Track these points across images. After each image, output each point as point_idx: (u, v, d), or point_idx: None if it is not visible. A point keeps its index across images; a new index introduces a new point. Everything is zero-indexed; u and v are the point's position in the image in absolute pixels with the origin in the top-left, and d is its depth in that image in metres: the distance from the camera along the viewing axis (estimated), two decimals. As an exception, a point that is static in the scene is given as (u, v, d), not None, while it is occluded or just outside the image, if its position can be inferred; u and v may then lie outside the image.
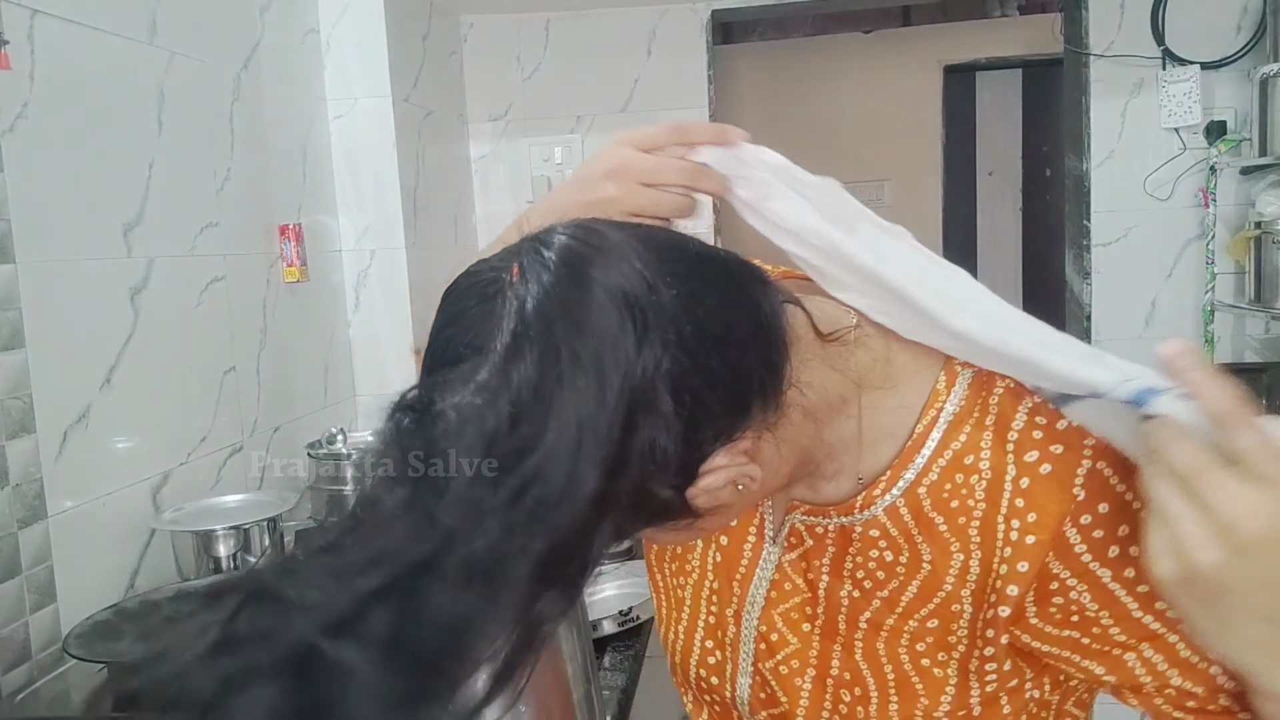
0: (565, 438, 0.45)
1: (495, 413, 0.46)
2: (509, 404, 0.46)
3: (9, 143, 1.26)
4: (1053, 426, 0.60)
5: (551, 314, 0.48)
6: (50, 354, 1.31)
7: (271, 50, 1.96)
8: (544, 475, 0.45)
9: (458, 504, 0.44)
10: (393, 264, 2.27)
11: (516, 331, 0.48)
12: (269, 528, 1.53)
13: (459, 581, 0.44)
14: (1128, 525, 0.57)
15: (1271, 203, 2.26)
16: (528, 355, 0.47)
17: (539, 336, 0.47)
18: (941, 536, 0.62)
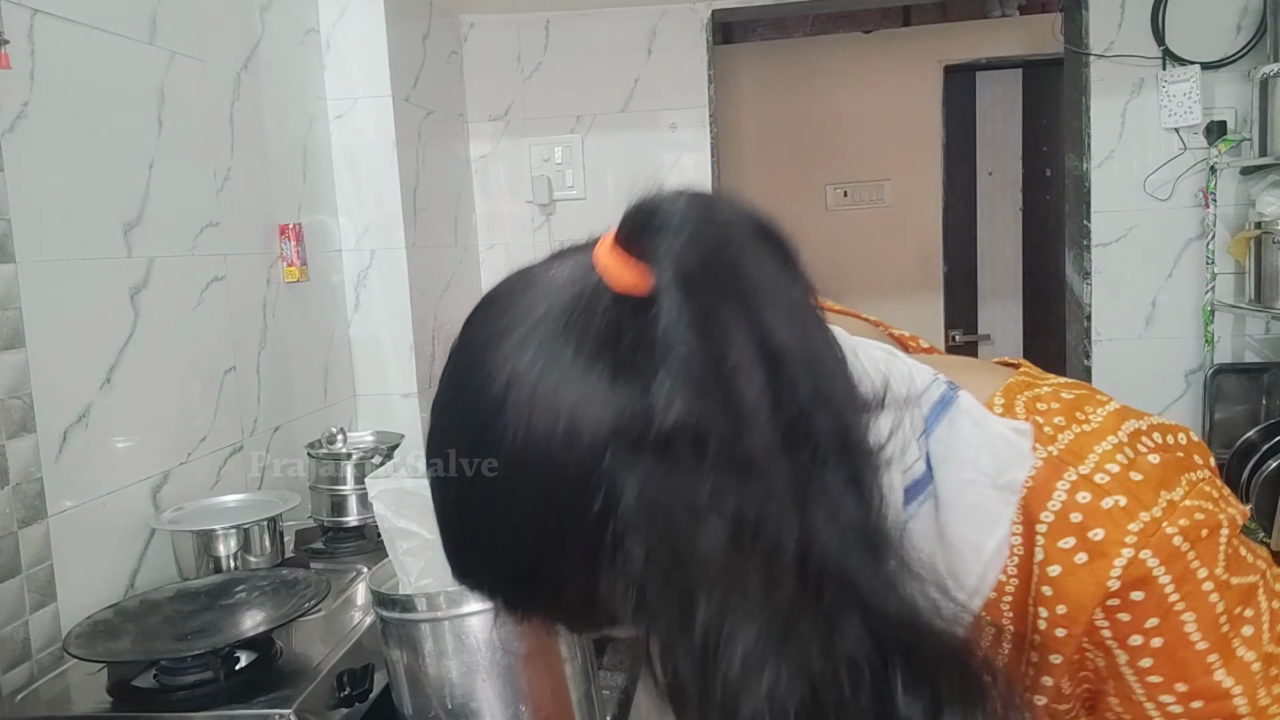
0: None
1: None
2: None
3: (9, 143, 1.26)
4: (1098, 507, 0.53)
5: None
6: (50, 354, 1.31)
7: (271, 50, 1.96)
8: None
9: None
10: (393, 264, 2.27)
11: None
12: (269, 528, 1.53)
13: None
14: (1158, 617, 0.53)
15: (1271, 203, 2.26)
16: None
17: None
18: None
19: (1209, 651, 0.53)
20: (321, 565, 1.62)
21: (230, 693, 1.14)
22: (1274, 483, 2.19)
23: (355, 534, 1.75)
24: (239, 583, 1.35)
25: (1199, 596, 0.53)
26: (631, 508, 0.46)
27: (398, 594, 1.02)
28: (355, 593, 1.46)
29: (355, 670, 1.19)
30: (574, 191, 2.78)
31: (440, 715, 1.01)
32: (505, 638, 1.00)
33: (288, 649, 1.25)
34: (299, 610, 1.22)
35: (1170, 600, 0.53)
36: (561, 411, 0.48)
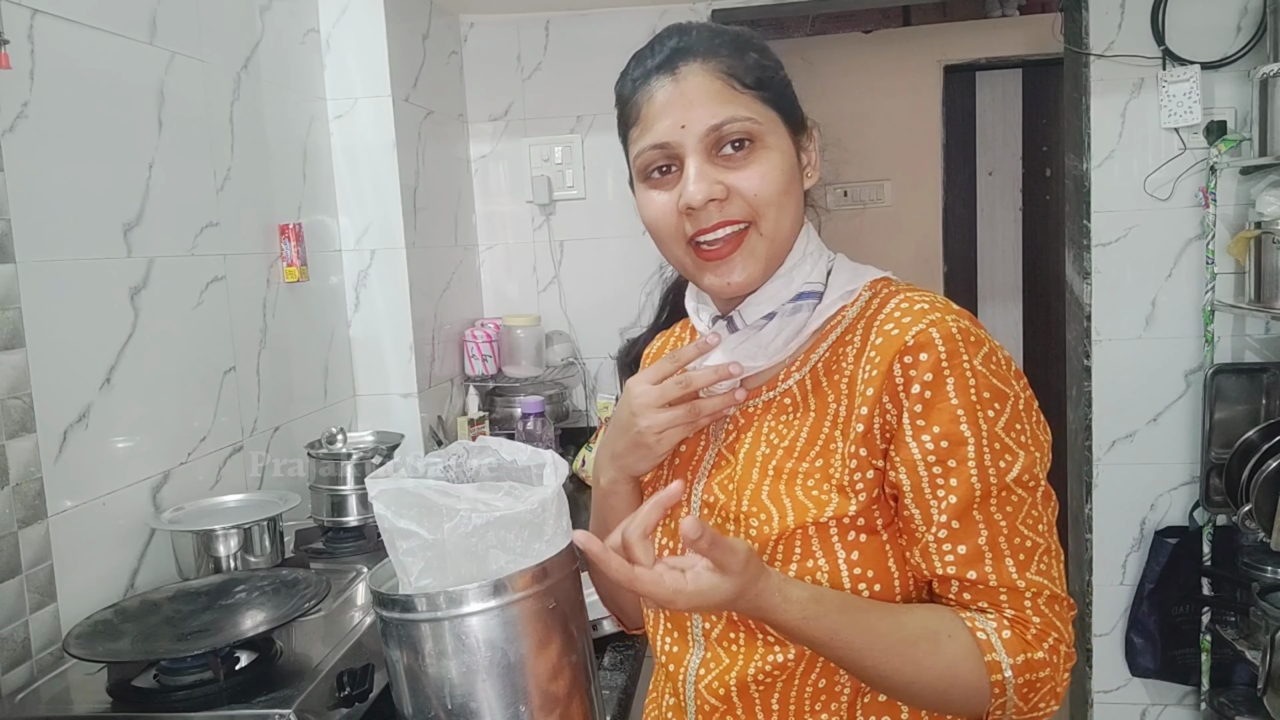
0: None
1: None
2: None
3: (9, 143, 1.26)
4: (917, 309, 0.83)
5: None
6: (50, 354, 1.31)
7: (271, 50, 1.96)
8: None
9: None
10: (393, 264, 2.27)
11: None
12: (269, 528, 1.53)
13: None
14: (931, 373, 0.80)
15: (1271, 203, 2.26)
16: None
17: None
18: (825, 393, 0.86)
19: (958, 408, 0.79)
20: (321, 565, 1.62)
21: (230, 693, 1.14)
22: (1274, 483, 2.19)
23: (355, 534, 1.75)
24: (239, 583, 1.35)
25: (959, 370, 0.80)
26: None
27: (398, 594, 1.02)
28: (355, 593, 1.46)
29: (355, 670, 1.19)
30: (574, 191, 2.78)
31: (440, 715, 1.01)
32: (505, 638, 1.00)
33: (288, 649, 1.25)
34: (299, 610, 1.22)
35: (941, 364, 0.80)
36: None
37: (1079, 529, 2.69)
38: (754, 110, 0.85)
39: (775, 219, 0.86)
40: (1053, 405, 3.68)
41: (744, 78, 0.85)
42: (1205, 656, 2.50)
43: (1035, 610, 0.81)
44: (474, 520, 0.99)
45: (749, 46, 0.88)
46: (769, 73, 0.88)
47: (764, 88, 0.86)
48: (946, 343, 0.80)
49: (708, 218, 0.85)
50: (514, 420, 2.53)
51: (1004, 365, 0.81)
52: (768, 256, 0.87)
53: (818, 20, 3.85)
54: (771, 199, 0.85)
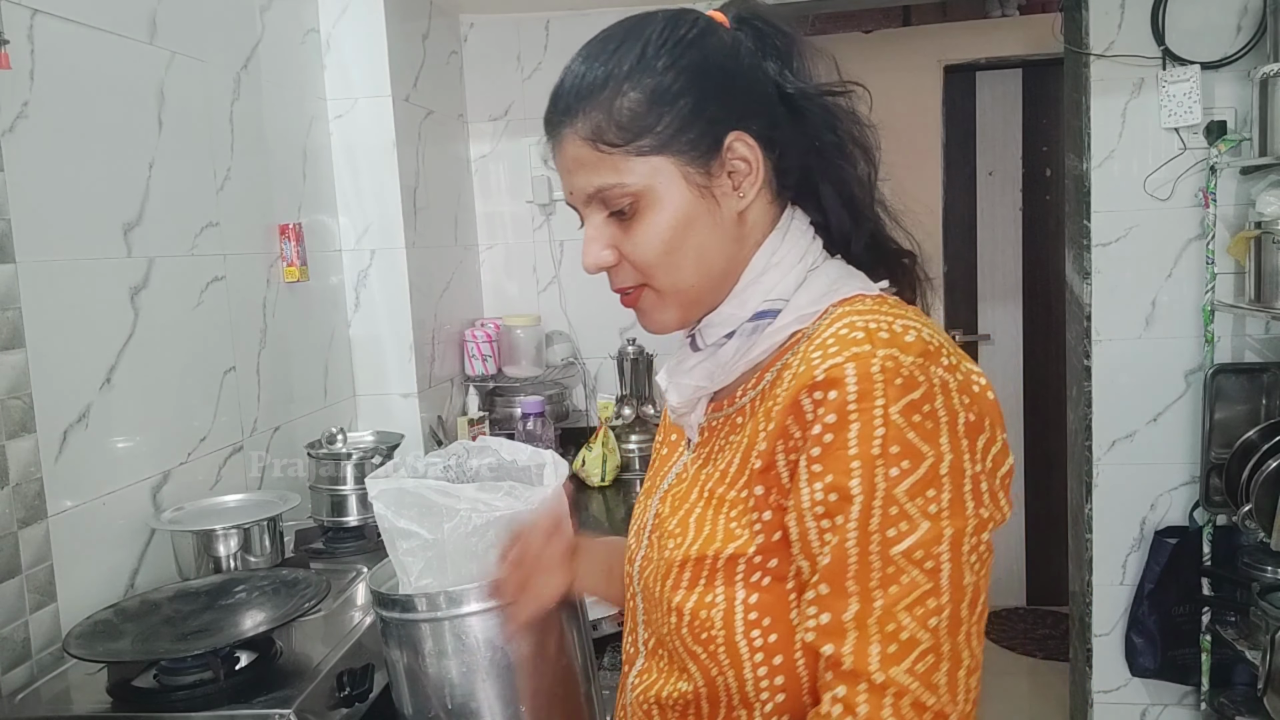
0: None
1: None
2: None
3: (9, 143, 1.26)
4: (849, 338, 0.71)
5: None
6: (50, 354, 1.31)
7: (271, 50, 1.96)
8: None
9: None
10: (393, 264, 2.27)
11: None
12: (269, 528, 1.53)
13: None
14: (835, 414, 0.69)
15: (1271, 203, 2.25)
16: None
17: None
18: (758, 418, 0.77)
19: (854, 459, 0.68)
20: (321, 565, 1.62)
21: (230, 693, 1.14)
22: (1274, 483, 2.19)
23: (355, 534, 1.75)
24: (239, 583, 1.35)
25: (868, 416, 0.68)
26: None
27: (398, 594, 1.02)
28: (355, 593, 1.46)
29: (355, 670, 1.19)
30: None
31: (440, 715, 1.01)
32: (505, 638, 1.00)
33: (288, 649, 1.25)
34: (299, 610, 1.22)
35: (847, 406, 0.68)
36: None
37: (1079, 529, 2.69)
38: (626, 171, 0.76)
39: (667, 275, 0.79)
40: (1053, 405, 3.69)
41: (611, 136, 0.76)
42: (1205, 656, 2.49)
43: (894, 715, 0.66)
44: (474, 520, 0.99)
45: (624, 84, 0.77)
46: (647, 119, 0.76)
47: (642, 134, 0.76)
48: (860, 382, 0.68)
49: (610, 280, 0.85)
50: (514, 420, 2.53)
51: (937, 418, 0.68)
52: (678, 305, 0.82)
53: (818, 20, 3.85)
54: (656, 261, 0.79)
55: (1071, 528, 2.76)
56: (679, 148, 0.77)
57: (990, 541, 0.71)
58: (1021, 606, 3.99)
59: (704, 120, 0.77)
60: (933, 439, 0.68)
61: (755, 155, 0.79)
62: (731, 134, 0.78)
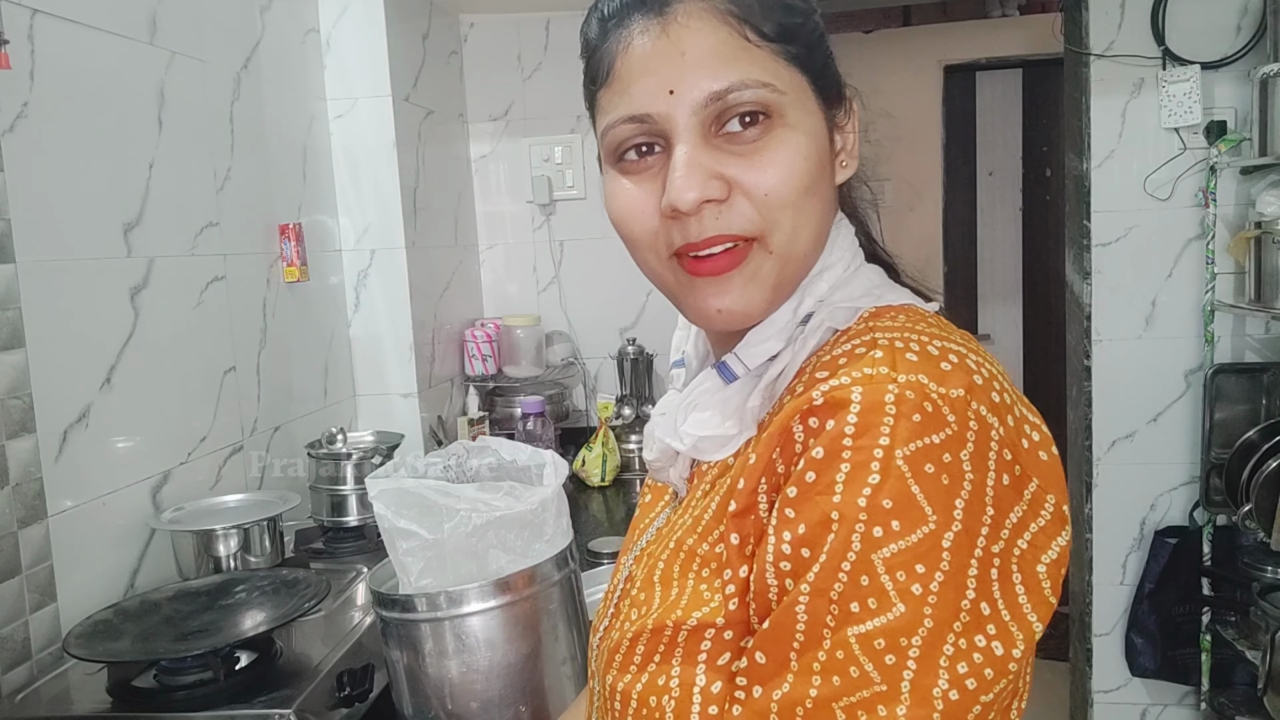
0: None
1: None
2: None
3: (9, 143, 1.26)
4: (867, 356, 0.55)
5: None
6: (50, 354, 1.31)
7: (271, 50, 1.96)
8: None
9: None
10: (393, 264, 2.27)
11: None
12: (269, 528, 1.53)
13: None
14: (824, 449, 0.53)
15: (1271, 203, 2.25)
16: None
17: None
18: (748, 452, 0.60)
19: (835, 508, 0.52)
20: (321, 565, 1.62)
21: (230, 693, 1.14)
22: (1274, 483, 2.19)
23: (355, 534, 1.75)
24: (239, 583, 1.35)
25: (864, 455, 0.51)
26: None
27: (398, 594, 1.02)
28: (355, 593, 1.46)
29: (355, 670, 1.19)
30: (574, 191, 2.78)
31: (440, 715, 1.01)
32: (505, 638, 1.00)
33: (288, 649, 1.25)
34: (299, 610, 1.22)
35: (842, 439, 0.52)
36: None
37: (1079, 529, 2.69)
38: (774, 72, 0.60)
39: (792, 230, 0.61)
40: (1053, 405, 3.69)
41: (762, 24, 0.60)
42: (1205, 656, 2.49)
43: None
44: (474, 520, 0.99)
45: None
46: (798, 18, 0.62)
47: (791, 39, 0.61)
48: (865, 413, 0.52)
49: (699, 228, 0.60)
50: (514, 420, 2.53)
51: (958, 474, 0.51)
52: (776, 282, 0.63)
53: (818, 20, 3.86)
54: (789, 200, 0.60)
55: (1072, 528, 2.76)
56: (820, 75, 0.63)
57: (1008, 659, 0.51)
58: (1021, 606, 3.98)
59: (831, 60, 0.64)
60: (944, 499, 0.51)
61: (857, 125, 0.67)
62: (849, 88, 0.66)
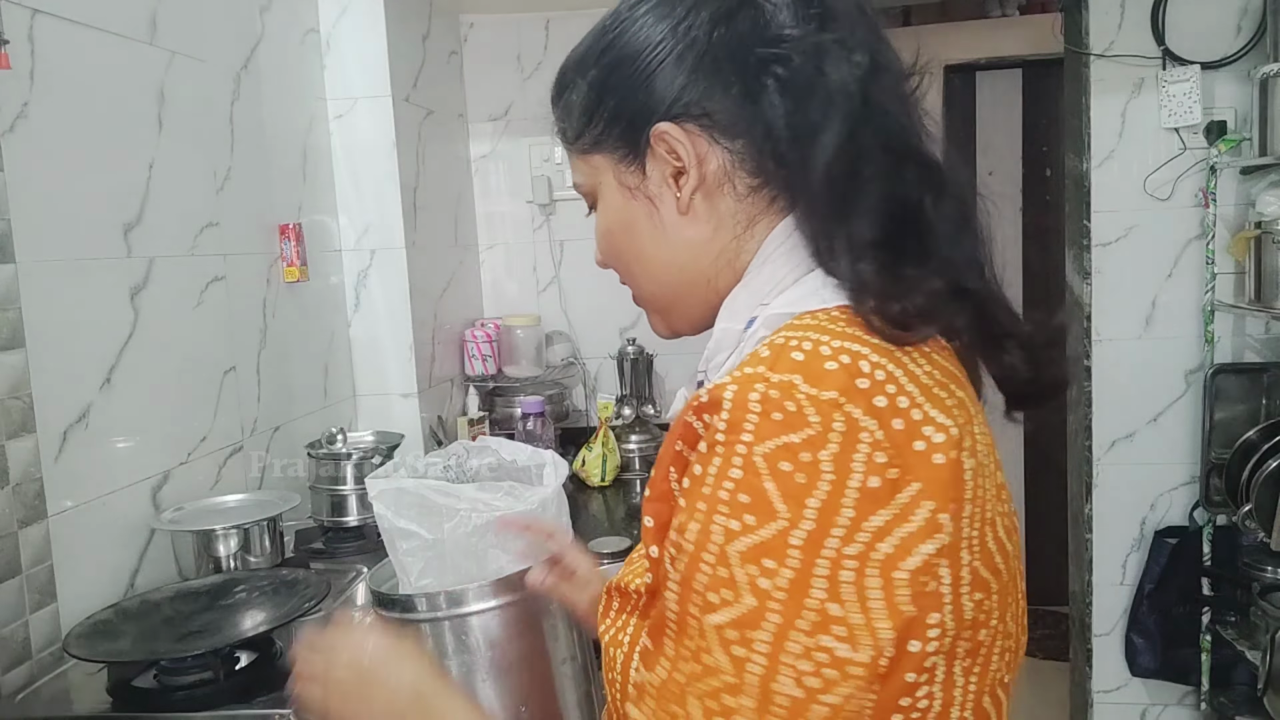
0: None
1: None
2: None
3: (9, 143, 1.26)
4: (757, 355, 0.58)
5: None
6: (50, 354, 1.31)
7: (271, 50, 1.96)
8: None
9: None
10: (393, 264, 2.27)
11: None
12: (269, 528, 1.53)
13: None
14: (707, 445, 0.56)
15: (1271, 203, 2.25)
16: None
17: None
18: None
19: (700, 500, 0.54)
20: (321, 565, 1.62)
21: (230, 693, 1.14)
22: (1274, 483, 2.19)
23: (355, 534, 1.75)
24: (239, 583, 1.35)
25: (730, 451, 0.54)
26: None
27: (398, 594, 1.02)
28: (355, 593, 1.46)
29: (355, 670, 1.19)
30: (574, 191, 2.77)
31: (440, 715, 1.01)
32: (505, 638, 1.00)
33: (288, 649, 1.25)
34: (299, 610, 1.22)
35: (716, 438, 0.55)
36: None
37: (1079, 529, 2.69)
38: (578, 169, 0.73)
39: (627, 279, 0.74)
40: (1053, 405, 3.67)
41: (567, 133, 0.73)
42: (1205, 656, 2.49)
43: None
44: (474, 520, 0.99)
45: (576, 76, 0.71)
46: (589, 103, 0.70)
47: (582, 131, 0.70)
48: (733, 411, 0.54)
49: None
50: (514, 420, 2.53)
51: (815, 472, 0.52)
52: (655, 310, 0.75)
53: (818, 20, 3.86)
54: (615, 266, 0.74)
55: (1071, 528, 2.76)
56: (611, 145, 0.69)
57: (850, 662, 0.51)
58: (1021, 606, 3.98)
59: (630, 113, 0.67)
60: (796, 498, 0.52)
61: (690, 149, 0.65)
62: (658, 127, 0.65)
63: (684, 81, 0.65)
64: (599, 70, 0.69)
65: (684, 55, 0.65)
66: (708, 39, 0.65)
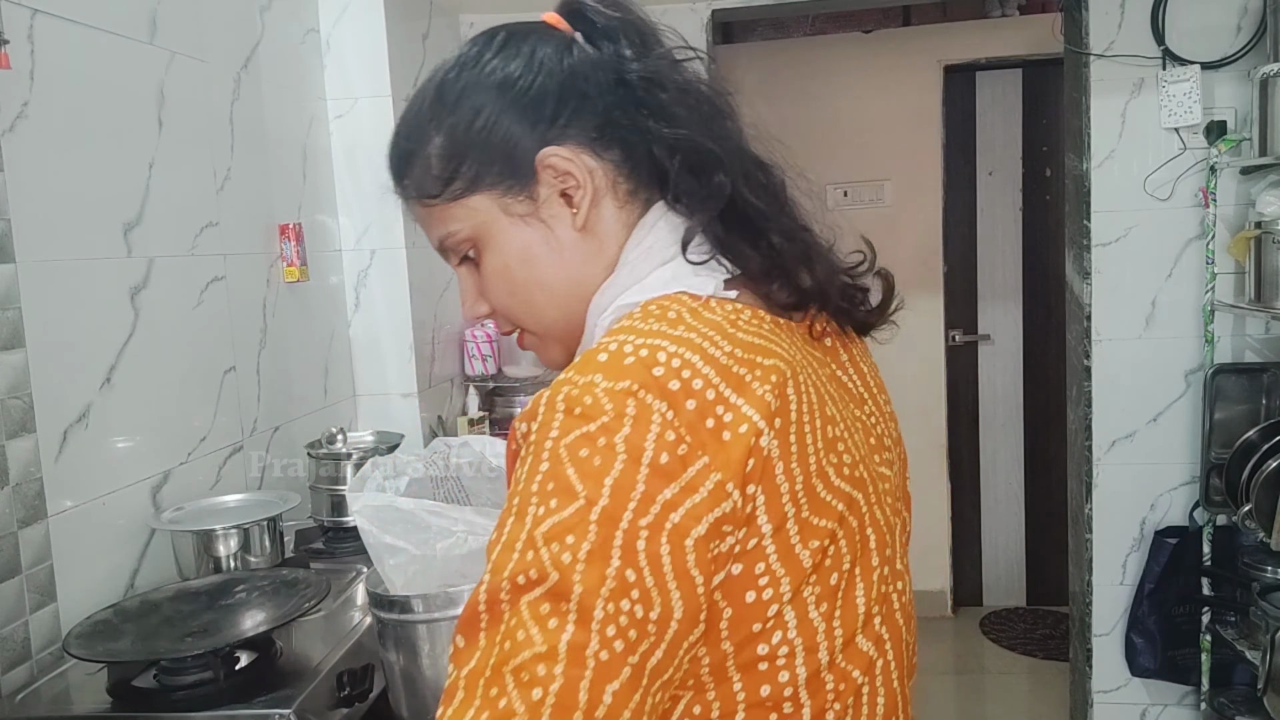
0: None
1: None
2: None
3: (9, 143, 1.26)
4: (577, 362, 0.64)
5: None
6: (50, 354, 1.31)
7: (271, 50, 1.96)
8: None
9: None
10: (393, 264, 2.27)
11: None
12: (269, 528, 1.53)
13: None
14: (525, 449, 0.62)
15: (1271, 203, 2.25)
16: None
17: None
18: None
19: (517, 494, 0.59)
20: (321, 565, 1.62)
21: (230, 693, 1.14)
22: (1274, 483, 2.19)
23: (355, 534, 1.74)
24: (239, 583, 1.35)
25: (539, 450, 0.59)
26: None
27: (396, 595, 1.02)
28: (355, 593, 1.46)
29: (355, 670, 1.19)
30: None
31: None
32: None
33: (288, 649, 1.25)
34: (299, 610, 1.22)
35: (530, 439, 0.61)
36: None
37: (1079, 529, 2.69)
38: (451, 219, 0.74)
39: (527, 316, 0.76)
40: (1053, 405, 3.69)
41: (429, 190, 0.73)
42: (1205, 656, 2.49)
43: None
44: (470, 544, 0.98)
45: (429, 132, 0.74)
46: (457, 147, 0.72)
47: (453, 179, 0.72)
48: (546, 412, 0.60)
49: (495, 326, 0.80)
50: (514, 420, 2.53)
51: (610, 454, 0.57)
52: (558, 340, 0.77)
53: (818, 20, 3.85)
54: (508, 304, 0.75)
55: (1071, 528, 2.76)
56: (490, 182, 0.72)
57: (646, 621, 0.55)
58: (1021, 606, 3.98)
59: (508, 145, 0.71)
60: (594, 478, 0.57)
61: (580, 166, 0.71)
62: (543, 152, 0.71)
63: (554, 108, 0.71)
64: (457, 117, 0.72)
65: (546, 85, 0.71)
66: (560, 68, 0.71)
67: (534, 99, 0.71)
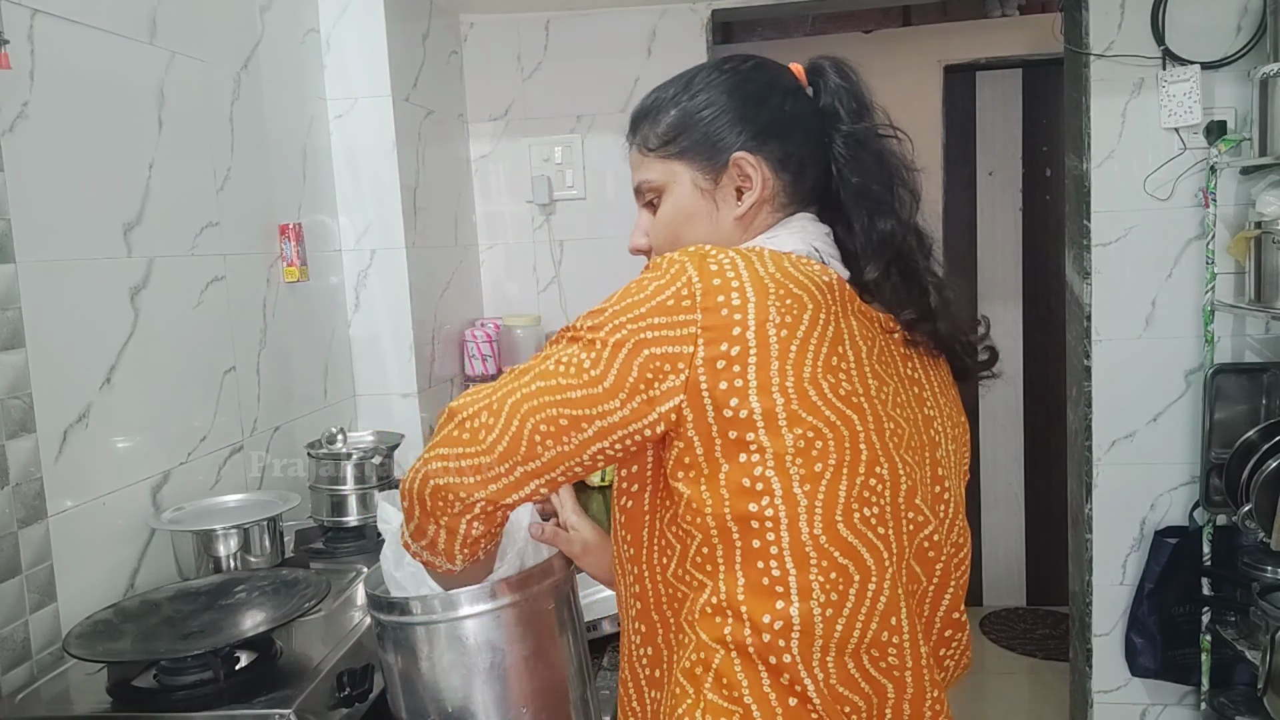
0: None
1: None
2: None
3: (9, 143, 1.26)
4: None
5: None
6: (50, 354, 1.31)
7: (271, 50, 1.96)
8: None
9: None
10: (393, 264, 2.27)
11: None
12: (269, 528, 1.53)
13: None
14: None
15: (1271, 203, 2.25)
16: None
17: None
18: None
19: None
20: (321, 565, 1.62)
21: (230, 693, 1.14)
22: (1274, 483, 2.19)
23: (355, 534, 1.75)
24: (239, 583, 1.35)
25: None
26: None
27: (394, 596, 1.02)
28: (355, 593, 1.46)
29: (355, 670, 1.19)
30: (574, 191, 2.78)
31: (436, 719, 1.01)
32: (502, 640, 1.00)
33: (288, 649, 1.25)
34: (299, 610, 1.22)
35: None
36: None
37: (1079, 529, 2.69)
38: (652, 169, 0.97)
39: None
40: (1053, 405, 3.68)
41: (651, 143, 0.97)
42: (1205, 656, 2.49)
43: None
44: None
45: (669, 105, 0.97)
46: (683, 124, 0.95)
47: (670, 143, 0.95)
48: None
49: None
50: (514, 420, 2.53)
51: (639, 286, 0.84)
52: None
53: (818, 20, 3.85)
54: (661, 243, 0.97)
55: (1071, 528, 2.76)
56: (694, 157, 0.94)
57: (597, 388, 0.82)
58: (1021, 606, 3.99)
59: (716, 138, 0.93)
60: (624, 296, 0.84)
61: (759, 174, 0.93)
62: (737, 154, 0.92)
63: (762, 126, 0.93)
64: (693, 103, 0.95)
65: (765, 107, 0.94)
66: (783, 101, 0.95)
67: (751, 113, 0.93)
